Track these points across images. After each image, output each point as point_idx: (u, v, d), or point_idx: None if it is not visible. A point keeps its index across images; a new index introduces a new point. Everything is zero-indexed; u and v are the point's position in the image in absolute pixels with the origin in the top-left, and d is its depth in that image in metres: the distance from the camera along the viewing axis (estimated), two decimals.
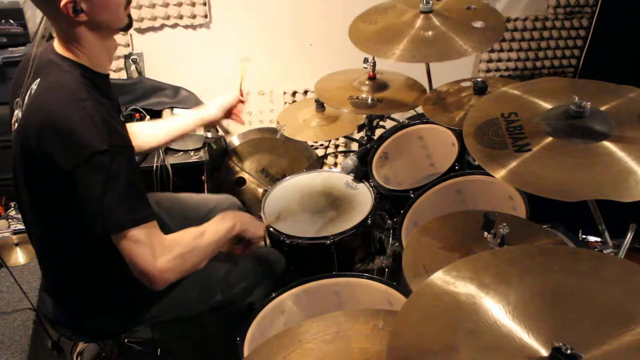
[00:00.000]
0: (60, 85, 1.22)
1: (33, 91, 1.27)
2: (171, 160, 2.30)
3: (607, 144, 1.18)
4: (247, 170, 2.67)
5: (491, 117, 1.35)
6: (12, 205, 2.31)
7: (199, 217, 1.79)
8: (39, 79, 1.27)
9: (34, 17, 2.24)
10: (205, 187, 2.37)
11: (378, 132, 2.24)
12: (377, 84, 2.11)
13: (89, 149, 1.16)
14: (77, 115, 1.18)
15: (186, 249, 1.33)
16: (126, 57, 2.63)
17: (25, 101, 1.28)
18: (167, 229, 1.49)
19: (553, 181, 1.15)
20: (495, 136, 1.29)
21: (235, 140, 2.71)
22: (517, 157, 1.21)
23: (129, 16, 1.31)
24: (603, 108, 1.28)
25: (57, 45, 1.28)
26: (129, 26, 1.32)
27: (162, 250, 1.27)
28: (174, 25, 2.64)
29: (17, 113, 1.32)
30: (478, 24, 1.82)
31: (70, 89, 1.21)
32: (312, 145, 2.95)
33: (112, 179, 1.19)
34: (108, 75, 1.37)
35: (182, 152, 2.37)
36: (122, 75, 2.65)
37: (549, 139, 1.23)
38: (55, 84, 1.23)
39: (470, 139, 1.31)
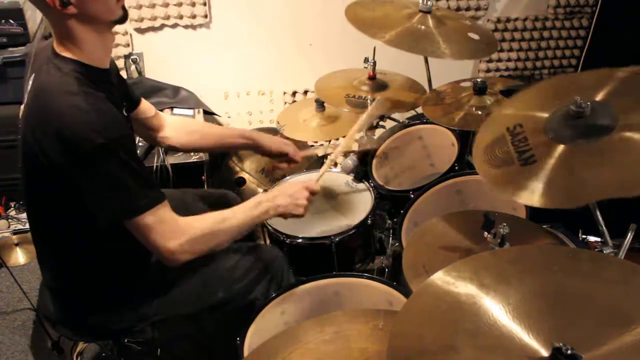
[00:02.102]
0: (52, 82, 1.22)
1: (29, 88, 1.27)
2: (171, 160, 2.30)
3: (614, 136, 1.13)
4: (247, 170, 2.67)
5: (498, 135, 1.31)
6: (12, 205, 2.32)
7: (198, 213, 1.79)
8: (33, 76, 1.28)
9: (34, 17, 2.24)
10: (206, 187, 2.37)
11: (378, 132, 2.24)
12: (377, 83, 2.11)
13: (85, 144, 1.15)
14: (69, 110, 1.17)
15: (202, 233, 1.33)
16: (126, 57, 2.63)
17: (25, 98, 1.29)
18: None
19: (563, 188, 1.12)
20: (502, 154, 1.25)
21: None
22: (525, 171, 1.17)
23: (124, 8, 1.28)
24: (599, 98, 1.23)
25: (54, 42, 1.28)
26: (124, 18, 1.29)
27: (172, 234, 1.28)
28: (174, 25, 2.64)
29: (22, 107, 1.32)
30: (475, 37, 1.84)
31: (62, 84, 1.20)
32: (312, 146, 2.95)
33: (112, 171, 1.19)
34: (107, 69, 1.35)
35: (182, 152, 2.37)
36: (122, 75, 2.65)
37: (557, 146, 1.19)
38: (46, 81, 1.23)
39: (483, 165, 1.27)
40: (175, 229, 1.29)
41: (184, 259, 1.31)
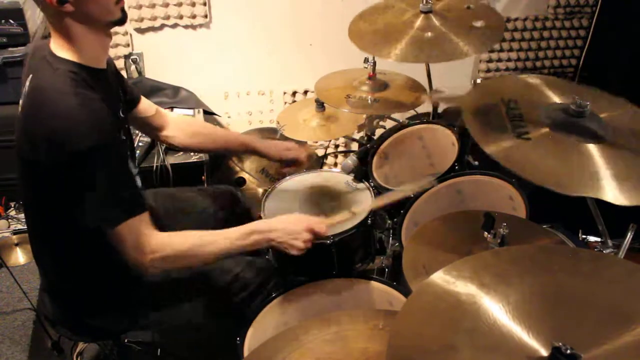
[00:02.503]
0: (46, 82, 1.22)
1: (26, 88, 1.27)
2: (171, 160, 2.30)
3: (602, 146, 1.17)
4: (247, 170, 2.67)
5: (491, 102, 1.32)
6: (12, 205, 2.32)
7: (196, 212, 1.79)
8: (30, 76, 1.27)
9: (34, 17, 2.24)
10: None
11: (378, 132, 2.24)
12: (377, 83, 2.10)
13: (71, 146, 1.16)
14: (61, 111, 1.17)
15: (178, 253, 1.32)
16: (126, 57, 2.63)
17: (22, 99, 1.29)
18: (163, 225, 1.49)
19: (547, 170, 1.14)
20: (495, 119, 1.26)
21: None
22: (515, 140, 1.20)
23: (123, 10, 1.27)
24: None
25: (51, 41, 1.28)
26: (122, 20, 1.28)
27: (145, 248, 1.27)
28: (174, 25, 2.64)
29: (20, 106, 1.33)
30: (478, 23, 1.82)
31: (56, 85, 1.20)
32: (312, 146, 2.95)
33: (92, 176, 1.19)
34: (104, 69, 1.34)
35: (182, 152, 2.37)
36: (122, 75, 2.65)
37: (547, 130, 1.22)
38: (42, 80, 1.23)
39: (471, 118, 1.28)
40: (149, 244, 1.28)
41: (153, 273, 1.31)
